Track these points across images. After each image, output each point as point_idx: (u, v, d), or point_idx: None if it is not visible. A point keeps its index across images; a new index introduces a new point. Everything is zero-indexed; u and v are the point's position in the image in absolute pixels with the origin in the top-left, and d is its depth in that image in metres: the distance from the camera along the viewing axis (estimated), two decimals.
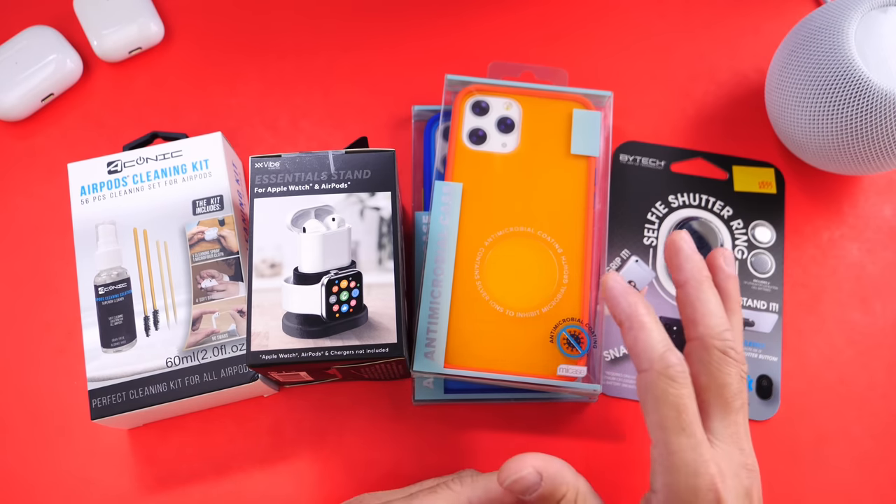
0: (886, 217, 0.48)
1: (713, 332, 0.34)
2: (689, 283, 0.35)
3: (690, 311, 0.35)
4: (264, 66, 0.51)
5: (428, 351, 0.40)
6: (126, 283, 0.42)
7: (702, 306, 0.35)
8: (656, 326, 0.33)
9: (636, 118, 0.50)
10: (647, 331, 0.33)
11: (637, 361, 0.33)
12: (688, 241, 0.37)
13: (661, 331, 0.33)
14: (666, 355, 0.32)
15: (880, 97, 0.40)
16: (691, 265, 0.36)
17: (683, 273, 0.36)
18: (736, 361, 0.34)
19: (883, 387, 0.45)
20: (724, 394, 0.33)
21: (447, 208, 0.43)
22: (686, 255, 0.36)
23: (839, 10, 0.42)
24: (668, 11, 0.52)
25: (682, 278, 0.36)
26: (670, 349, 0.33)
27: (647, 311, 0.34)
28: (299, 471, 0.43)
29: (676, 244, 0.37)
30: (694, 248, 0.37)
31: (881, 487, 0.44)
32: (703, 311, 0.34)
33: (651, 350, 0.33)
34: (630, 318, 0.34)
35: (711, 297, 0.35)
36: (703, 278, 0.35)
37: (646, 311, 0.34)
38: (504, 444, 0.44)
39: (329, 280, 0.39)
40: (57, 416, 0.44)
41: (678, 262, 0.36)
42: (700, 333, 0.34)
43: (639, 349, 0.33)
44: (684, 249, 0.36)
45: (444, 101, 0.46)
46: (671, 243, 0.37)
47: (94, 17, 0.50)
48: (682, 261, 0.36)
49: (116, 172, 0.44)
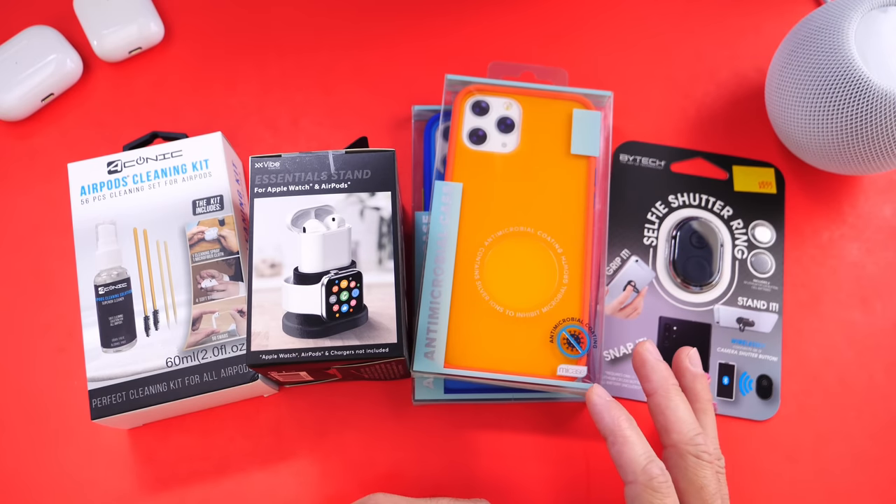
0: (886, 217, 0.48)
1: (685, 439, 0.36)
2: (658, 393, 0.37)
3: (662, 420, 0.37)
4: (264, 65, 0.51)
5: (428, 351, 0.40)
6: (126, 282, 0.42)
7: (671, 414, 0.36)
8: (639, 439, 0.35)
9: (636, 118, 0.50)
10: (630, 444, 0.35)
11: (622, 473, 0.35)
12: (652, 352, 0.38)
13: (643, 443, 0.35)
14: (648, 468, 0.34)
15: (880, 97, 0.40)
16: (657, 375, 0.38)
17: (651, 383, 0.37)
18: (710, 463, 0.35)
19: (883, 387, 0.45)
20: (704, 496, 0.35)
21: (447, 208, 0.43)
22: (651, 365, 0.38)
23: (839, 10, 0.42)
24: (669, 11, 0.52)
25: (650, 388, 0.38)
26: (652, 461, 0.34)
27: (630, 425, 0.36)
28: (299, 471, 0.43)
29: (641, 356, 0.38)
30: (658, 356, 0.38)
31: (881, 487, 0.44)
32: (672, 418, 0.36)
33: (634, 463, 0.34)
34: (613, 432, 0.35)
35: (679, 403, 0.37)
36: (669, 386, 0.37)
37: (628, 424, 0.35)
38: (504, 444, 0.44)
39: (329, 280, 0.39)
40: (57, 416, 0.44)
41: (645, 373, 0.38)
42: (673, 441, 0.36)
43: (623, 462, 0.35)
44: (649, 360, 0.38)
45: (444, 101, 0.46)
46: (637, 355, 0.38)
47: (94, 17, 0.50)
48: (648, 371, 0.38)
49: (116, 172, 0.44)
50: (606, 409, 0.36)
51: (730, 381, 0.45)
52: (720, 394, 0.45)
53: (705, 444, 0.36)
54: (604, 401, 0.36)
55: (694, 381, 0.39)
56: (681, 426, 0.36)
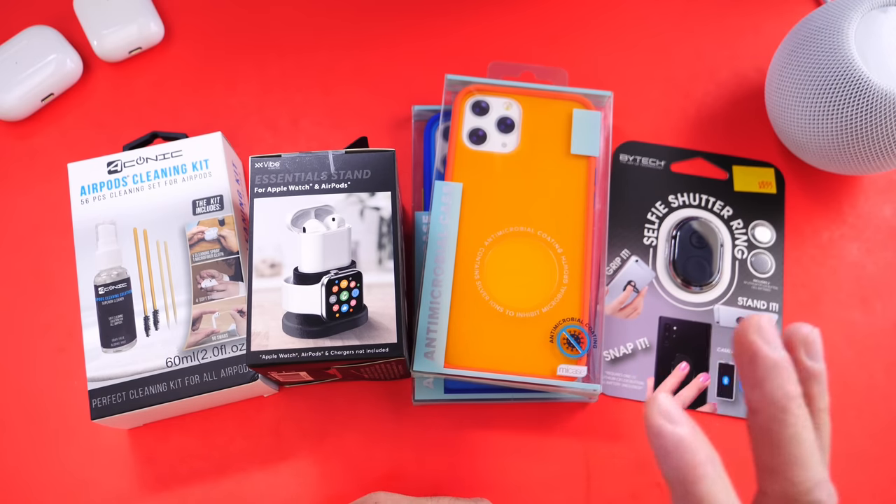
0: (886, 217, 0.48)
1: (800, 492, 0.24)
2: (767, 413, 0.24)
3: (767, 454, 0.24)
4: (264, 65, 0.51)
5: (428, 351, 0.40)
6: (126, 283, 0.42)
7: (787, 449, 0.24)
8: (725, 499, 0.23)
9: (636, 118, 0.50)
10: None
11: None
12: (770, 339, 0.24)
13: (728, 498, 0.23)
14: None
15: (880, 97, 0.40)
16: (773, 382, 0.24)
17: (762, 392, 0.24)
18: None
19: (883, 387, 0.45)
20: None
21: (447, 208, 0.43)
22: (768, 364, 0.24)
23: (839, 10, 0.42)
24: (669, 11, 0.52)
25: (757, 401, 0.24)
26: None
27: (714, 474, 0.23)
28: (299, 470, 0.43)
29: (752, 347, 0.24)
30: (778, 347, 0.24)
31: (881, 487, 0.44)
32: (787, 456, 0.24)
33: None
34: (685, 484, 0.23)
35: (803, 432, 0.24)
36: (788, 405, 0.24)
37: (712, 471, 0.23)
38: (504, 444, 0.44)
39: (329, 280, 0.39)
40: (57, 416, 0.44)
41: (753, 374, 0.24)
42: (782, 491, 0.24)
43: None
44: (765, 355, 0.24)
45: (444, 101, 0.46)
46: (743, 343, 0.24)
47: (94, 17, 0.50)
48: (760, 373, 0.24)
49: (116, 172, 0.44)
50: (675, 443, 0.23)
51: (730, 381, 0.45)
52: (720, 394, 0.45)
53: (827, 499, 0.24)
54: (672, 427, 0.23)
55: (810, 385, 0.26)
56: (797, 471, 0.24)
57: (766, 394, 0.24)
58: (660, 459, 0.23)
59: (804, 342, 0.25)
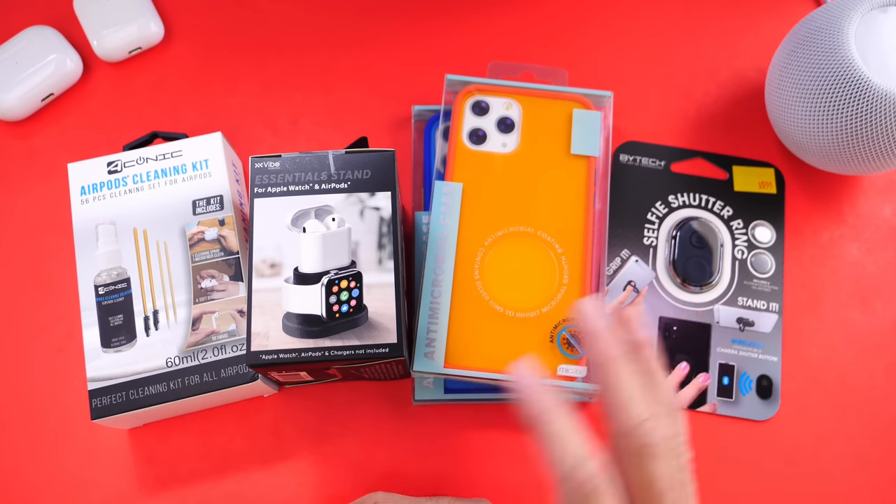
0: (886, 217, 0.48)
1: (626, 427, 0.29)
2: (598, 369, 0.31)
3: (603, 402, 0.30)
4: (264, 65, 0.51)
5: (428, 351, 0.40)
6: (126, 283, 0.42)
7: (610, 396, 0.30)
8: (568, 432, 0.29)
9: (636, 118, 0.50)
10: (555, 441, 0.29)
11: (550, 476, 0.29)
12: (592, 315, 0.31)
13: (572, 437, 0.29)
14: (575, 471, 0.28)
15: (880, 97, 0.40)
16: (597, 346, 0.31)
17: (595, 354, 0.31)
18: (661, 455, 0.29)
19: (883, 387, 0.45)
20: (652, 493, 0.29)
21: (447, 208, 0.43)
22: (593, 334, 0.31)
23: (839, 10, 0.42)
24: (669, 11, 0.52)
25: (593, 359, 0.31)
26: (581, 463, 0.28)
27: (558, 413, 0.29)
28: (299, 471, 0.43)
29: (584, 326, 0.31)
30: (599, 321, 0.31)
31: (881, 487, 0.44)
32: (612, 401, 0.30)
33: (560, 465, 0.28)
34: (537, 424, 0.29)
35: (622, 379, 0.30)
36: (609, 358, 0.30)
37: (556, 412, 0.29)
38: (504, 444, 0.44)
39: (329, 280, 0.39)
40: (57, 416, 0.44)
41: (588, 346, 0.31)
42: (614, 430, 0.30)
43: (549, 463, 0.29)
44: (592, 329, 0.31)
45: (444, 101, 0.46)
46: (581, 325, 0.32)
47: (94, 17, 0.50)
48: (590, 343, 0.31)
49: (116, 172, 0.44)
50: (529, 394, 0.30)
51: (730, 382, 0.45)
52: (720, 394, 0.45)
53: (653, 431, 0.29)
54: (528, 383, 0.30)
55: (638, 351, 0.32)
56: (622, 412, 0.29)
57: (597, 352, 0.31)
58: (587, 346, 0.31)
59: (620, 321, 0.32)
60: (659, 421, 0.30)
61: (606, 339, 0.31)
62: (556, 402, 0.30)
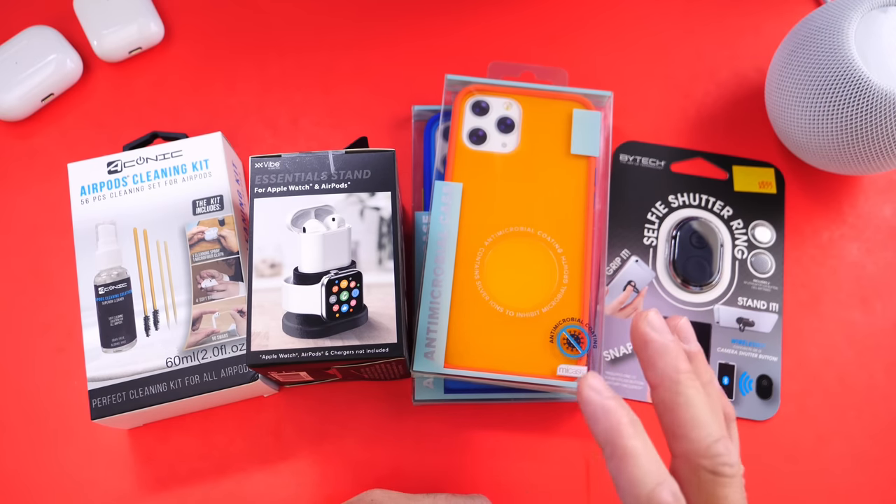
0: (886, 217, 0.48)
1: (700, 448, 0.28)
2: (663, 385, 0.29)
3: (669, 421, 0.29)
4: (264, 65, 0.51)
5: (428, 351, 0.40)
6: (126, 283, 0.42)
7: (682, 413, 0.28)
8: (646, 452, 0.27)
9: (636, 118, 0.50)
10: (633, 460, 0.27)
11: (621, 496, 0.27)
12: (658, 327, 0.29)
13: (651, 458, 0.27)
14: (655, 494, 0.26)
15: (880, 97, 0.40)
16: (665, 360, 0.29)
17: (656, 371, 0.29)
18: (732, 478, 0.27)
19: (883, 387, 0.45)
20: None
21: (447, 208, 0.43)
22: (657, 347, 0.29)
23: (839, 10, 0.42)
24: (668, 11, 0.52)
25: (654, 378, 0.29)
26: (662, 483, 0.27)
27: (634, 431, 0.27)
28: (299, 471, 0.43)
29: (642, 334, 0.29)
30: (666, 332, 0.30)
31: (881, 487, 0.44)
32: (683, 419, 0.28)
33: (638, 486, 0.27)
34: (611, 442, 0.27)
35: (694, 397, 0.28)
36: (680, 376, 0.29)
37: (632, 430, 0.27)
38: (504, 444, 0.44)
39: (329, 280, 0.39)
40: (57, 416, 0.44)
41: (647, 357, 0.29)
42: (684, 450, 0.28)
43: (623, 483, 0.27)
44: (654, 340, 0.29)
45: (444, 101, 0.46)
46: (636, 332, 0.30)
47: (94, 17, 0.50)
48: (651, 355, 0.29)
49: (116, 172, 0.44)
50: (603, 409, 0.28)
51: (730, 381, 0.45)
52: None
53: (727, 453, 0.27)
54: (600, 398, 0.28)
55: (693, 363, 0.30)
56: (694, 431, 0.28)
57: (660, 370, 0.29)
58: (591, 424, 0.28)
59: (677, 331, 0.31)
60: (730, 442, 0.28)
61: (676, 352, 0.29)
62: (632, 416, 0.28)
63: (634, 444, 0.27)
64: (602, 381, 0.29)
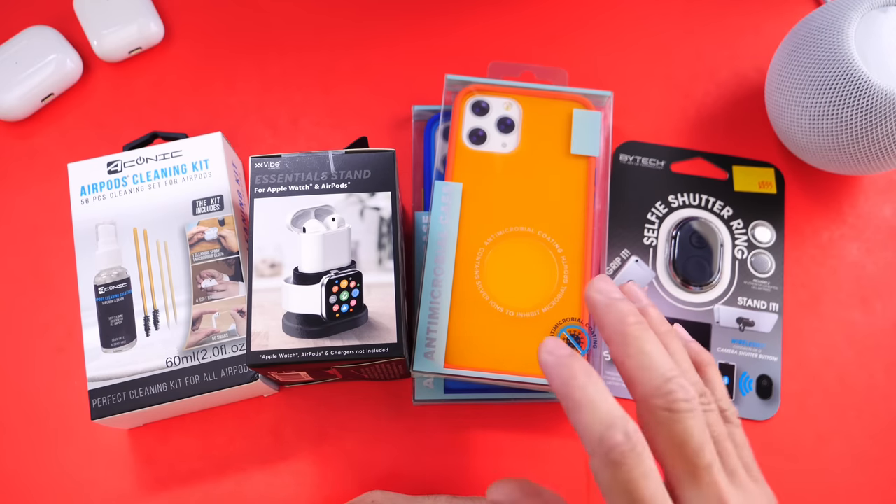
0: (886, 217, 0.48)
1: (651, 389, 0.28)
2: (613, 340, 0.30)
3: (624, 372, 0.29)
4: (264, 65, 0.51)
5: (428, 351, 0.40)
6: (126, 282, 0.42)
7: (631, 360, 0.29)
8: (598, 397, 0.27)
9: (636, 118, 0.50)
10: (584, 408, 0.27)
11: (584, 445, 0.28)
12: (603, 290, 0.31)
13: (603, 402, 0.27)
14: (606, 436, 0.26)
15: (880, 97, 0.40)
16: (611, 317, 0.30)
17: (605, 330, 0.30)
18: (689, 412, 0.27)
19: (883, 387, 0.45)
20: (686, 453, 0.27)
21: (447, 208, 0.43)
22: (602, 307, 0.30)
23: (839, 10, 0.42)
24: (669, 11, 0.52)
25: (607, 336, 0.30)
26: (612, 426, 0.26)
27: (587, 381, 0.28)
28: (299, 471, 0.43)
29: (590, 300, 0.31)
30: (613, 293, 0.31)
31: (881, 487, 0.44)
32: (633, 365, 0.29)
33: (590, 432, 0.27)
34: (565, 395, 0.28)
35: (644, 343, 0.29)
36: (626, 327, 0.29)
37: (585, 379, 0.28)
38: (504, 444, 0.44)
39: (329, 280, 0.39)
40: (57, 416, 0.44)
41: (598, 319, 0.30)
42: (640, 394, 0.28)
43: (579, 431, 0.27)
44: (599, 301, 0.30)
45: (444, 101, 0.46)
46: (587, 300, 0.31)
47: (94, 17, 0.50)
48: (600, 316, 0.30)
49: (116, 172, 0.44)
50: (557, 367, 0.28)
51: (730, 381, 0.45)
52: None
53: (680, 389, 0.28)
54: (555, 357, 0.29)
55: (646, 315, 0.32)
56: (645, 373, 0.28)
57: (608, 325, 0.30)
58: (599, 319, 0.30)
59: (625, 293, 0.33)
60: (688, 377, 0.29)
61: (623, 306, 0.30)
62: (586, 368, 0.28)
63: (586, 394, 0.27)
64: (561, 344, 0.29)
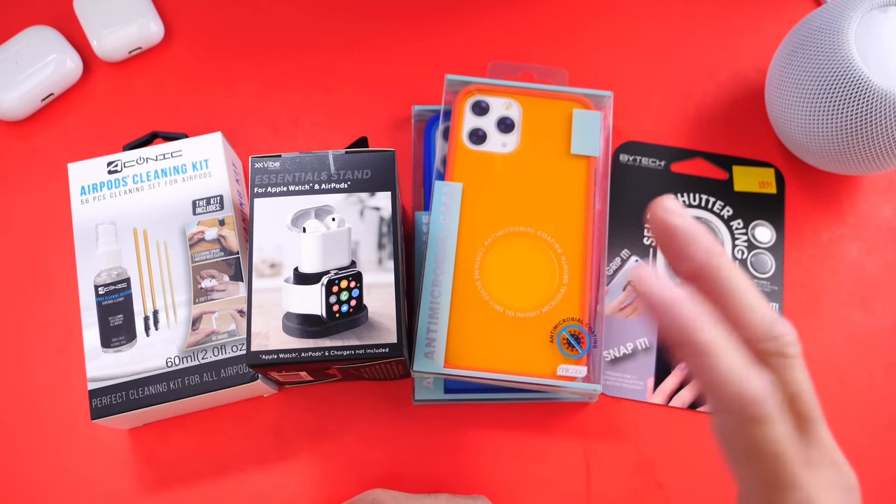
0: (886, 217, 0.48)
1: (761, 333, 0.25)
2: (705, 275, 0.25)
3: (721, 310, 0.25)
4: (264, 65, 0.51)
5: (428, 351, 0.40)
6: (126, 283, 0.42)
7: (733, 299, 0.25)
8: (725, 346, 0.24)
9: (636, 118, 0.50)
10: (714, 357, 0.24)
11: (707, 398, 0.25)
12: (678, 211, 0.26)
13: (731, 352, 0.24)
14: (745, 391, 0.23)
15: (880, 97, 0.40)
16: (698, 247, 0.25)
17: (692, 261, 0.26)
18: (796, 358, 0.25)
19: (883, 387, 0.45)
20: (799, 408, 0.25)
21: (447, 208, 0.43)
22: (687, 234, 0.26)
23: (839, 10, 0.42)
24: (668, 11, 0.52)
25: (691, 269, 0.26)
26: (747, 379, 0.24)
27: (709, 324, 0.24)
28: (299, 470, 0.43)
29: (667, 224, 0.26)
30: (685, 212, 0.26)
31: (881, 487, 0.44)
32: (737, 305, 0.25)
33: (724, 385, 0.24)
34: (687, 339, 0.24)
35: (738, 279, 0.25)
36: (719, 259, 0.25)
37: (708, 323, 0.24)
38: (504, 444, 0.44)
39: (329, 280, 0.39)
40: (57, 416, 0.44)
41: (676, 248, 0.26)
42: (746, 338, 0.25)
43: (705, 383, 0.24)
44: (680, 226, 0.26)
45: (444, 101, 0.46)
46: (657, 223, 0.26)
47: (94, 17, 0.50)
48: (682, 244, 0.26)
49: (116, 172, 0.44)
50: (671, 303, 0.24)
51: None
52: None
53: (788, 332, 0.25)
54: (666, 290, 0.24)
55: None
56: (750, 315, 0.25)
57: (699, 254, 0.25)
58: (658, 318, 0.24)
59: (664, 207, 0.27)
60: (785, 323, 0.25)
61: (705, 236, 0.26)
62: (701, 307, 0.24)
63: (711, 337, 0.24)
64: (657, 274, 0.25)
